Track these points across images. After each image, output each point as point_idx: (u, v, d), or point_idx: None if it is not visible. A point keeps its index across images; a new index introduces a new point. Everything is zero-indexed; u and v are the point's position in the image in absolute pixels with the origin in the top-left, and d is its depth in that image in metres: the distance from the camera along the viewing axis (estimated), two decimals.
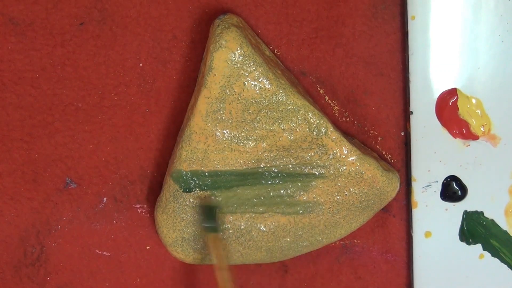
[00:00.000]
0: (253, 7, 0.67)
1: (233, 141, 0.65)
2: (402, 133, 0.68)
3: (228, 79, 0.63)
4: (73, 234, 0.69)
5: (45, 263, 0.69)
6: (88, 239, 0.69)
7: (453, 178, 0.67)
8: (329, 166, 0.65)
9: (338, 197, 0.66)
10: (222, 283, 0.63)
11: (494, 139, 0.66)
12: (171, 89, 0.68)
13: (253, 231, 0.66)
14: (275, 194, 0.66)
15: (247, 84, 0.64)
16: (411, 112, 0.66)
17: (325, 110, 0.68)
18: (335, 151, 0.65)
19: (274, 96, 0.64)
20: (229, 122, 0.64)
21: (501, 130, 0.66)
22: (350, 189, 0.66)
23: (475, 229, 0.67)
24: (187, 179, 0.65)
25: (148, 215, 0.69)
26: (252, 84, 0.64)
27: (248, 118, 0.64)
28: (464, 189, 0.67)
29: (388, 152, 0.69)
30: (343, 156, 0.65)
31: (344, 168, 0.65)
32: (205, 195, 0.65)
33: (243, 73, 0.63)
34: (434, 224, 0.67)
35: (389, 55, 0.67)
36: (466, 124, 0.66)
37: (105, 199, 0.69)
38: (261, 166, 0.65)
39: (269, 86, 0.64)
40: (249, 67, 0.63)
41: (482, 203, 0.67)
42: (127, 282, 0.70)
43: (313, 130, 0.65)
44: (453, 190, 0.67)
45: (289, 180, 0.65)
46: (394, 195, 0.67)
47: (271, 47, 0.67)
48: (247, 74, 0.63)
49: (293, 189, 0.66)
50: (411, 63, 0.66)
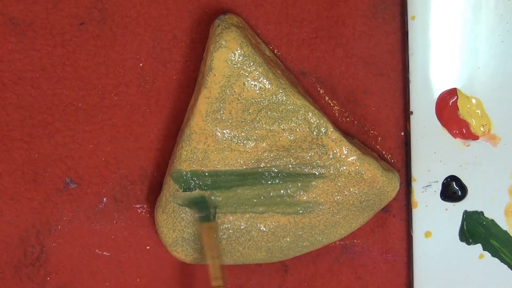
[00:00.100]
0: (253, 7, 0.67)
1: (233, 141, 0.65)
2: (402, 133, 0.68)
3: (228, 79, 0.63)
4: (73, 234, 0.69)
5: (45, 263, 0.69)
6: (88, 239, 0.69)
7: (453, 178, 0.67)
8: (329, 166, 0.65)
9: (338, 197, 0.66)
10: (213, 272, 0.63)
11: (494, 139, 0.66)
12: (171, 89, 0.68)
13: (253, 231, 0.66)
14: (275, 194, 0.66)
15: (247, 84, 0.63)
16: (411, 112, 0.66)
17: (325, 110, 0.68)
18: (335, 151, 0.65)
19: (274, 96, 0.64)
20: (229, 122, 0.64)
21: (501, 130, 0.66)
22: (350, 189, 0.65)
23: (475, 229, 0.67)
24: (187, 179, 0.65)
25: (148, 215, 0.69)
26: (252, 84, 0.64)
27: (248, 118, 0.64)
28: (464, 189, 0.67)
29: (388, 152, 0.69)
30: (343, 156, 0.65)
31: (344, 168, 0.65)
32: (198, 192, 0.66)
33: (243, 73, 0.63)
34: (434, 224, 0.67)
35: (389, 55, 0.67)
36: (466, 124, 0.66)
37: (105, 199, 0.69)
38: (261, 166, 0.65)
39: (269, 86, 0.64)
40: (249, 67, 0.63)
41: (482, 203, 0.67)
42: (127, 282, 0.70)
43: (313, 130, 0.65)
44: (453, 190, 0.67)
45: (289, 180, 0.65)
46: (394, 195, 0.67)
47: (271, 47, 0.67)
48: (247, 74, 0.63)
49: (293, 189, 0.66)
50: (411, 63, 0.66)
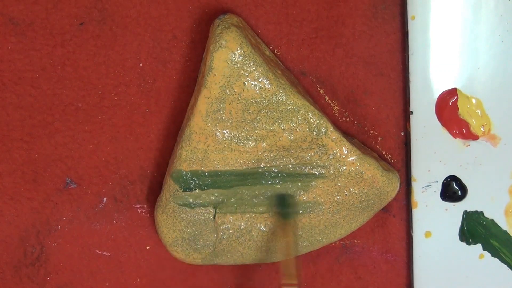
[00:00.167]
0: (253, 7, 0.67)
1: (233, 141, 0.65)
2: (402, 133, 0.68)
3: (228, 79, 0.63)
4: (73, 234, 0.69)
5: (45, 263, 0.69)
6: (88, 239, 0.69)
7: (453, 178, 0.67)
8: (329, 166, 0.65)
9: (338, 197, 0.66)
10: (285, 270, 0.63)
11: (494, 139, 0.66)
12: (171, 89, 0.68)
13: (253, 231, 0.66)
14: (275, 194, 0.66)
15: (247, 84, 0.63)
16: (411, 112, 0.66)
17: (325, 110, 0.68)
18: (335, 151, 0.65)
19: (274, 96, 0.64)
20: (229, 122, 0.64)
21: (501, 130, 0.66)
22: (350, 189, 0.65)
23: (475, 229, 0.67)
24: (187, 179, 0.65)
25: (148, 215, 0.69)
26: (252, 84, 0.64)
27: (248, 118, 0.64)
28: (464, 189, 0.67)
29: (388, 152, 0.69)
30: (343, 156, 0.65)
31: (344, 168, 0.65)
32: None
33: (243, 73, 0.63)
34: (434, 224, 0.67)
35: (389, 55, 0.67)
36: (466, 124, 0.66)
37: (105, 199, 0.69)
38: (261, 166, 0.65)
39: (269, 86, 0.64)
40: (249, 67, 0.63)
41: (482, 203, 0.67)
42: (127, 282, 0.70)
43: (313, 130, 0.65)
44: (453, 190, 0.67)
45: (289, 180, 0.65)
46: (394, 195, 0.67)
47: (271, 47, 0.67)
48: (247, 74, 0.63)
49: (293, 189, 0.66)
50: (411, 63, 0.66)
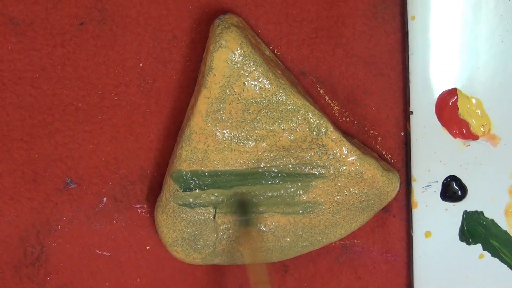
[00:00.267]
0: (253, 7, 0.67)
1: (233, 141, 0.65)
2: (402, 133, 0.68)
3: (228, 79, 0.63)
4: (73, 234, 0.69)
5: (45, 263, 0.69)
6: (88, 239, 0.69)
7: (453, 178, 0.67)
8: (329, 166, 0.65)
9: (338, 197, 0.66)
10: (256, 278, 0.63)
11: (494, 139, 0.66)
12: (171, 89, 0.68)
13: (253, 231, 0.66)
14: (275, 194, 0.66)
15: (247, 84, 0.63)
16: (411, 112, 0.66)
17: (325, 110, 0.68)
18: (335, 151, 0.65)
19: (274, 96, 0.64)
20: (229, 122, 0.64)
21: (501, 130, 0.66)
22: (350, 189, 0.65)
23: (475, 229, 0.67)
24: (187, 179, 0.65)
25: (148, 215, 0.69)
26: (252, 84, 0.64)
27: (248, 118, 0.64)
28: (464, 189, 0.67)
29: (388, 152, 0.69)
30: (343, 156, 0.65)
31: (344, 168, 0.65)
32: (241, 191, 0.65)
33: (243, 73, 0.63)
34: (434, 224, 0.67)
35: (389, 55, 0.67)
36: (466, 124, 0.66)
37: (105, 199, 0.69)
38: (261, 166, 0.65)
39: (269, 86, 0.64)
40: (249, 67, 0.63)
41: (482, 203, 0.67)
42: (127, 282, 0.70)
43: (313, 130, 0.65)
44: (453, 190, 0.67)
45: (289, 180, 0.65)
46: (394, 195, 0.67)
47: (271, 47, 0.67)
48: (247, 74, 0.63)
49: (293, 189, 0.66)
50: (411, 63, 0.66)
